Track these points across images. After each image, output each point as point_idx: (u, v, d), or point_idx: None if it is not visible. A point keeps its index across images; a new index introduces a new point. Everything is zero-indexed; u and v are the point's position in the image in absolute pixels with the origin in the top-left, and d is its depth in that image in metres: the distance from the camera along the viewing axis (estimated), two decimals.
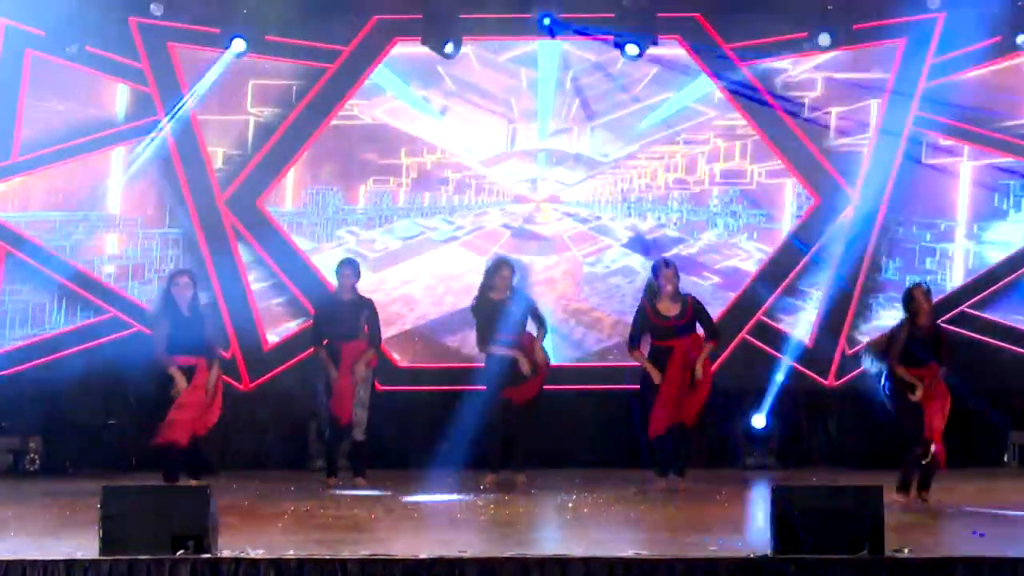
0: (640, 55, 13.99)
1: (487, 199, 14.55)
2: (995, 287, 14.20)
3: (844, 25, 13.94)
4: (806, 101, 14.43)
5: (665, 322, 12.19)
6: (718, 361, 12.79)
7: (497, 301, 12.57)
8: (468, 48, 14.26)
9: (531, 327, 12.65)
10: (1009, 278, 14.28)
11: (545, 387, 12.69)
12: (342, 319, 12.69)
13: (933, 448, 11.14)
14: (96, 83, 14.33)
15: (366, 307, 12.77)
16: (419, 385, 14.10)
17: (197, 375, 11.91)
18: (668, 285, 12.20)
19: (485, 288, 12.67)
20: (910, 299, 11.37)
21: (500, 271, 12.62)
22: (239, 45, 13.90)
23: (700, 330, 12.36)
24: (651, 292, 12.30)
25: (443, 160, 14.56)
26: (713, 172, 14.51)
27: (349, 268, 12.82)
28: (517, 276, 12.68)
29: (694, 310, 12.29)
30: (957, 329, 13.70)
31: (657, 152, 14.54)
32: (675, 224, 14.52)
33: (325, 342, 12.69)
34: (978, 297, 14.26)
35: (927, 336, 11.36)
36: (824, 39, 13.91)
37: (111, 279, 14.32)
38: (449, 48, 13.93)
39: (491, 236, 14.52)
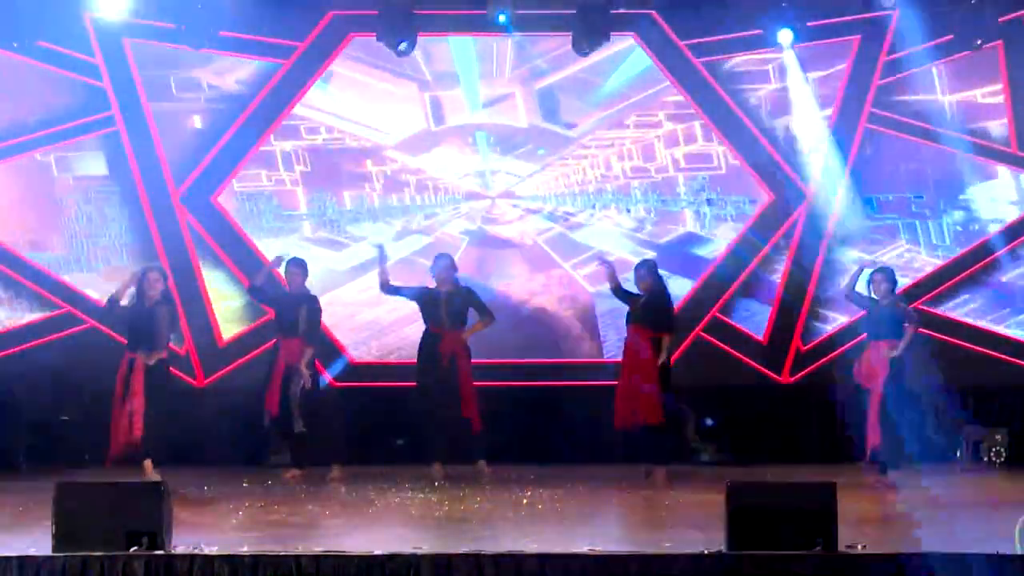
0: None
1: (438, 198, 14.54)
2: (945, 285, 14.26)
3: (799, 22, 14.01)
4: (762, 97, 14.48)
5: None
6: (673, 356, 12.81)
7: (436, 291, 12.90)
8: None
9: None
10: (960, 275, 14.38)
11: (499, 383, 13.16)
12: (281, 315, 12.84)
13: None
14: (49, 78, 14.25)
15: (304, 303, 12.81)
16: (374, 381, 14.08)
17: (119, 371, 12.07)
18: (638, 278, 12.68)
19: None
20: (869, 280, 12.74)
21: (438, 263, 12.93)
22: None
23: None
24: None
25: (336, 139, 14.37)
26: (675, 158, 14.53)
27: (296, 267, 12.92)
28: (454, 269, 12.99)
29: (645, 304, 12.53)
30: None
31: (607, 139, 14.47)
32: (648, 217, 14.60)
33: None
34: (930, 294, 14.34)
35: (887, 315, 12.52)
36: (780, 36, 14.01)
37: (64, 274, 14.28)
38: (403, 47, 13.89)
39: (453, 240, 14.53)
